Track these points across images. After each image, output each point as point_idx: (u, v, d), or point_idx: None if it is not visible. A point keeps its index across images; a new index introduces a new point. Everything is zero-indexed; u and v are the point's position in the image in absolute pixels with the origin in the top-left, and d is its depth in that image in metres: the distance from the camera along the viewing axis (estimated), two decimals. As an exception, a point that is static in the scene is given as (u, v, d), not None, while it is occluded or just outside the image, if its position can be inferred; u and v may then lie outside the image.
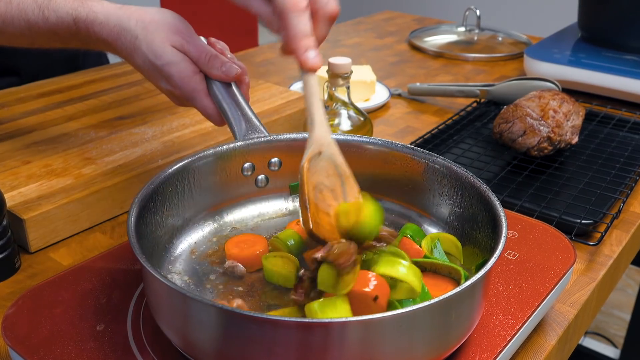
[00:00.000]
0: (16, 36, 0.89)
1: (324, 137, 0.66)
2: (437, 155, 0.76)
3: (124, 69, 1.34)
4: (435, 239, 0.71)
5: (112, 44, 0.82)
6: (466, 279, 0.64)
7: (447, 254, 0.72)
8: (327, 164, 0.64)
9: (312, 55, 0.70)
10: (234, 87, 0.83)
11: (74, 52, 1.38)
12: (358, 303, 0.59)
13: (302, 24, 0.71)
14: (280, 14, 0.71)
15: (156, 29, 0.80)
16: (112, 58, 1.49)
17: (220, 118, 0.82)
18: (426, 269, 0.69)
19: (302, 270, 0.63)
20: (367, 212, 0.63)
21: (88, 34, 0.83)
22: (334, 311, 0.58)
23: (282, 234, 0.73)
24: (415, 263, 0.66)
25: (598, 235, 0.88)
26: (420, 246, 0.72)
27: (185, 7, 3.50)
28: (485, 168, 1.05)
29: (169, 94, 0.85)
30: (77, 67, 1.39)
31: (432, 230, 0.79)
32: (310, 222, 0.55)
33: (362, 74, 1.37)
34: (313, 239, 0.55)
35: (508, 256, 0.77)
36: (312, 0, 0.73)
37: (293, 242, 0.72)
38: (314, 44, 0.71)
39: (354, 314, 0.58)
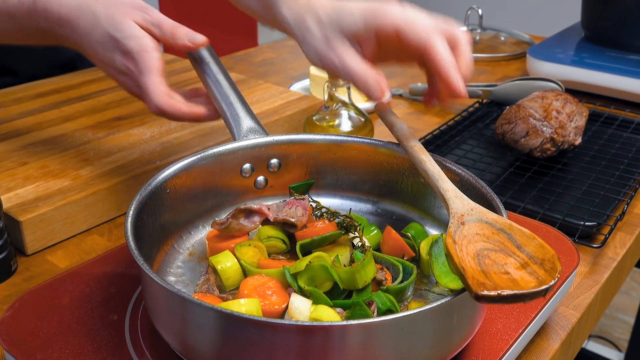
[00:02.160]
0: None
1: (464, 208, 0.63)
2: (438, 156, 0.75)
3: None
4: (434, 240, 0.71)
5: (71, 22, 0.81)
6: (404, 274, 0.68)
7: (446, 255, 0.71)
8: (479, 229, 0.61)
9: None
10: (232, 87, 0.83)
11: (71, 55, 1.37)
12: None
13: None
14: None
15: (117, 5, 0.80)
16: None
17: (168, 103, 0.79)
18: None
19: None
20: None
21: (46, 15, 0.82)
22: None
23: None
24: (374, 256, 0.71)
25: (602, 237, 0.88)
26: (419, 246, 0.73)
27: (184, 6, 3.50)
28: (487, 169, 1.04)
29: (121, 78, 0.82)
30: (73, 69, 1.39)
31: (435, 232, 0.78)
32: (475, 287, 0.53)
33: (363, 74, 1.35)
34: (483, 301, 0.54)
35: (511, 259, 0.76)
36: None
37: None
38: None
39: None
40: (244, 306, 0.60)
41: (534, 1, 3.80)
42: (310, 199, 0.77)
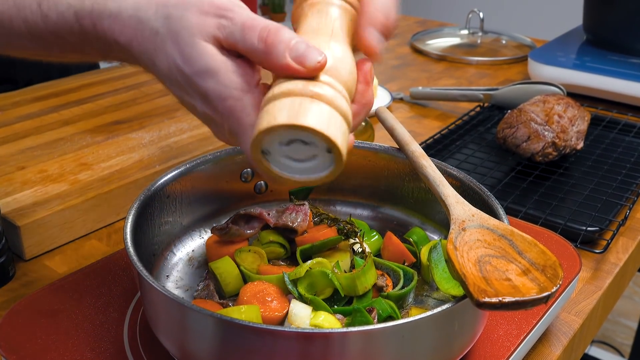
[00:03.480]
0: (23, 45, 0.63)
1: (465, 214, 0.63)
2: (439, 161, 0.75)
3: (121, 72, 1.33)
4: (433, 246, 0.71)
5: (127, 47, 0.56)
6: (405, 280, 0.68)
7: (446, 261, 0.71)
8: (480, 235, 0.60)
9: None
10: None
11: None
12: None
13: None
14: None
15: (182, 15, 0.53)
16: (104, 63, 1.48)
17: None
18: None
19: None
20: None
21: (97, 36, 0.57)
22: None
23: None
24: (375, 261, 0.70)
25: (604, 242, 0.87)
26: (420, 252, 0.73)
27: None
28: (488, 174, 1.04)
29: (212, 127, 0.58)
30: (70, 68, 1.38)
31: (436, 237, 0.78)
32: (476, 294, 0.53)
33: (364, 77, 1.35)
34: (484, 308, 0.53)
35: (512, 264, 0.75)
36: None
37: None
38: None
39: None
40: (244, 313, 0.59)
41: (536, 4, 3.80)
42: (310, 205, 0.77)
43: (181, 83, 0.53)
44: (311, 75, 0.50)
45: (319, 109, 0.48)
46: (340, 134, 0.48)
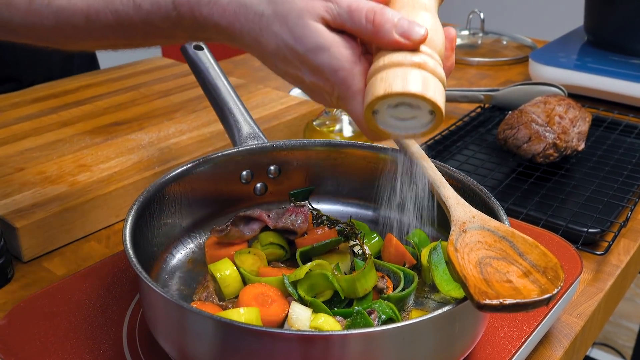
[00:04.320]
0: (105, 35, 0.67)
1: (465, 215, 0.63)
2: (440, 162, 0.75)
3: (120, 73, 1.33)
4: (433, 248, 0.70)
5: (228, 29, 0.61)
6: (405, 282, 0.68)
7: (447, 263, 0.71)
8: (481, 237, 0.60)
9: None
10: (232, 92, 0.82)
11: (68, 52, 1.36)
12: None
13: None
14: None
15: None
16: (103, 62, 1.48)
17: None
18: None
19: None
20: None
21: (195, 21, 0.61)
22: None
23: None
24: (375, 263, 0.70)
25: (605, 244, 0.87)
26: (420, 254, 0.73)
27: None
28: (489, 175, 1.04)
29: (316, 95, 0.63)
30: (72, 69, 1.38)
31: (436, 239, 0.77)
32: (477, 296, 0.53)
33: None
34: (485, 310, 0.53)
35: (513, 266, 0.75)
36: None
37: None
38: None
39: None
40: (244, 315, 0.59)
41: (537, 5, 3.80)
42: (310, 207, 0.76)
43: (290, 59, 0.59)
44: (415, 47, 0.56)
45: (426, 78, 0.55)
46: (442, 98, 0.55)
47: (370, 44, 0.59)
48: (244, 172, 0.79)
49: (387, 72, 0.55)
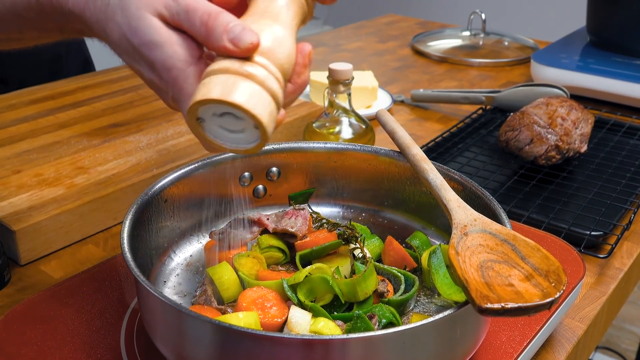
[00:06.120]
0: None
1: (467, 218, 0.63)
2: (440, 164, 0.74)
3: (118, 74, 1.33)
4: (432, 251, 0.70)
5: (81, 17, 0.60)
6: (406, 285, 0.68)
7: (448, 266, 0.71)
8: (482, 240, 0.60)
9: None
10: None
11: (57, 53, 1.36)
12: None
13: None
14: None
15: None
16: (97, 63, 1.48)
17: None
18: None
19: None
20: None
21: (53, 8, 0.61)
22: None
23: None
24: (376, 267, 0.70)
25: (608, 247, 0.87)
26: (421, 256, 0.72)
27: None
28: (491, 177, 1.03)
29: (158, 93, 0.61)
30: (62, 69, 1.38)
31: (437, 242, 0.77)
32: (478, 300, 0.52)
33: (364, 80, 1.35)
34: (487, 314, 0.53)
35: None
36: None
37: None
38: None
39: None
40: (243, 319, 0.59)
41: (539, 5, 3.79)
42: (309, 209, 0.76)
43: (130, 52, 0.57)
44: (245, 55, 0.54)
45: (250, 88, 0.52)
46: (266, 113, 0.53)
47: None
48: (244, 175, 0.79)
49: (211, 78, 0.53)
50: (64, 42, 0.74)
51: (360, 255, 0.71)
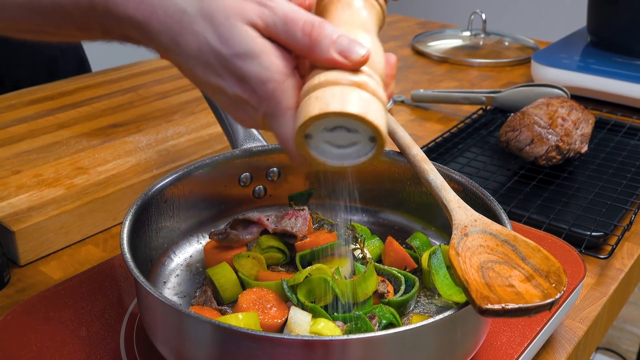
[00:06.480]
0: (17, 17, 0.59)
1: (467, 219, 0.62)
2: (441, 165, 0.74)
3: (118, 75, 1.33)
4: (432, 252, 0.70)
5: (143, 24, 0.53)
6: (406, 286, 0.68)
7: (448, 267, 0.70)
8: (483, 240, 0.60)
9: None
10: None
11: (52, 53, 1.35)
12: None
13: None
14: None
15: None
16: (93, 63, 1.47)
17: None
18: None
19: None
20: None
21: (108, 11, 0.54)
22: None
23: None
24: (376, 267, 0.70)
25: (609, 248, 0.87)
26: (421, 257, 0.72)
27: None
28: (491, 178, 1.03)
29: (235, 109, 0.56)
30: (57, 69, 1.37)
31: (437, 242, 0.77)
32: (479, 301, 0.52)
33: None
34: (487, 315, 0.52)
35: (516, 270, 0.75)
36: None
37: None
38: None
39: None
40: (242, 320, 0.59)
41: (539, 6, 3.79)
42: (309, 210, 0.76)
43: (213, 64, 0.52)
44: (356, 67, 0.51)
45: (367, 99, 0.50)
46: (384, 123, 0.51)
47: (303, 59, 0.54)
48: (244, 175, 0.79)
49: (323, 91, 0.50)
50: (60, 42, 0.71)
51: (360, 255, 0.71)
